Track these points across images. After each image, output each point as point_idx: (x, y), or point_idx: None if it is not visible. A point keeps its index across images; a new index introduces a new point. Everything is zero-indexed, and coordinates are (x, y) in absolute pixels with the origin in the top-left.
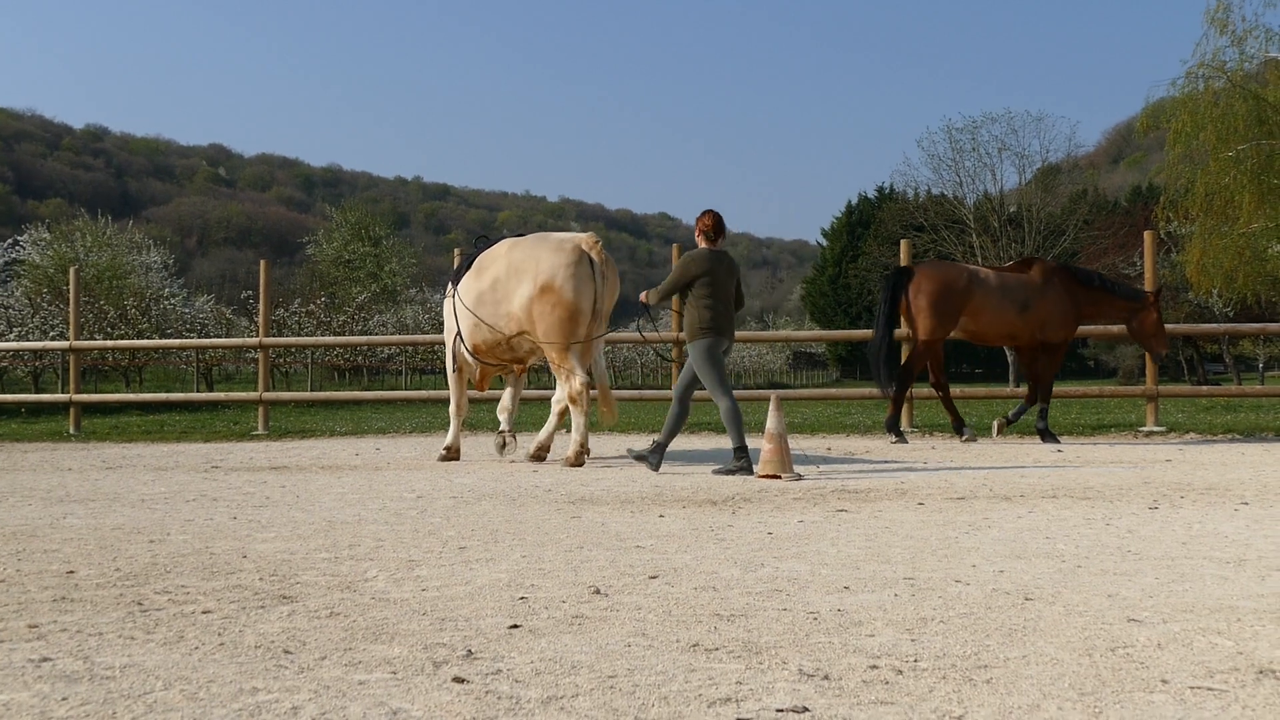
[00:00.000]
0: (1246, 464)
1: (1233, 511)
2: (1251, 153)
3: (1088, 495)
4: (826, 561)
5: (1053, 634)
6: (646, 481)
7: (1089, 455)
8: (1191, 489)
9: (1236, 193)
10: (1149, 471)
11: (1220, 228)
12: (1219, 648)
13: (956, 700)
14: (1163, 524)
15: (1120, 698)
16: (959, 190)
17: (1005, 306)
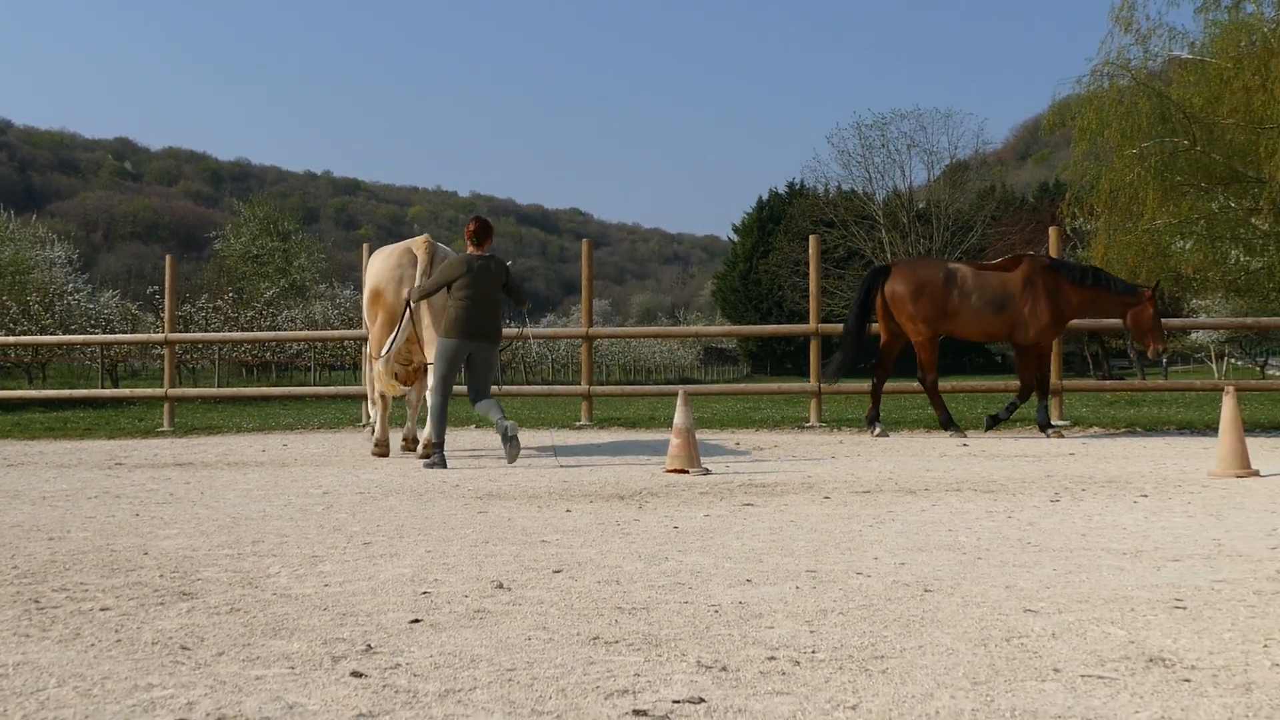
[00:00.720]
0: (1148, 457)
1: (1132, 504)
2: (1155, 150)
3: (991, 488)
4: (730, 555)
5: (950, 625)
6: (555, 477)
7: (994, 449)
8: (1093, 482)
9: (1140, 189)
10: (1052, 465)
11: (1124, 224)
12: (1112, 637)
13: (851, 690)
14: (1063, 516)
15: (1012, 686)
16: (869, 186)
17: (981, 305)
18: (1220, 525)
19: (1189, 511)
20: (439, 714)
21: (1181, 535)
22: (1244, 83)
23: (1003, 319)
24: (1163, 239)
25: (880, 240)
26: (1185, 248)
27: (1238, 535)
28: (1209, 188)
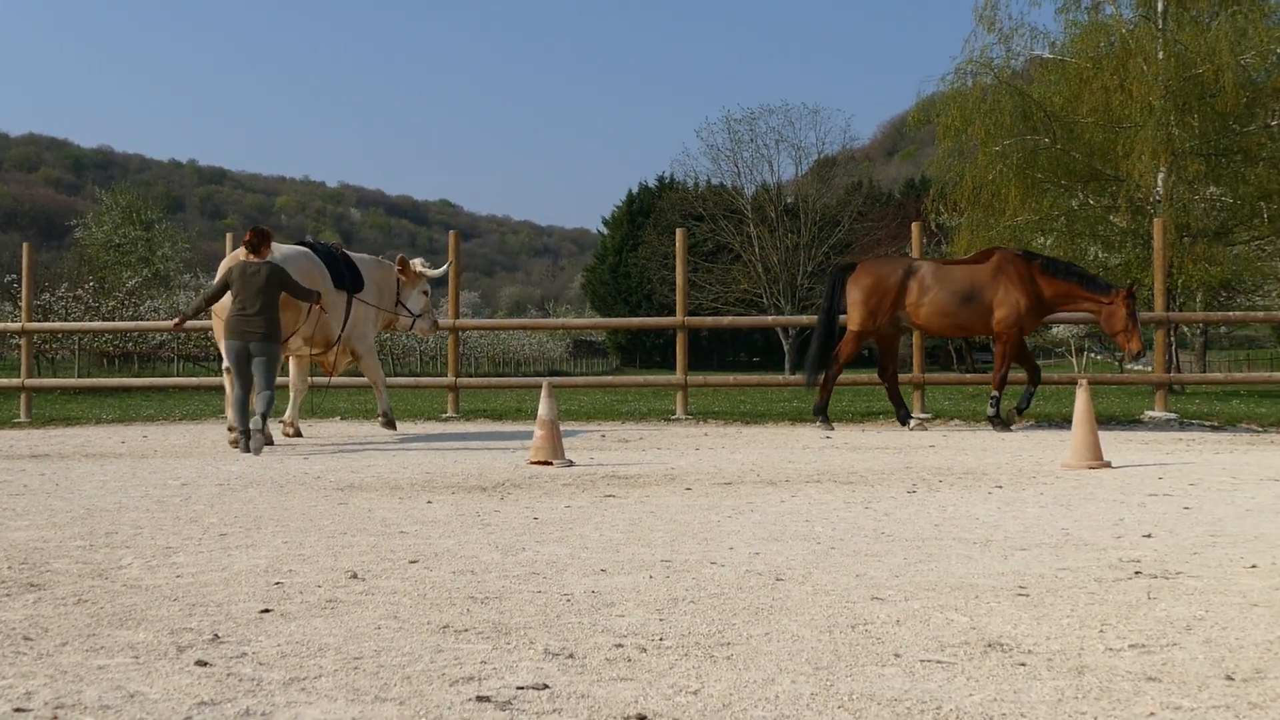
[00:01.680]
0: (1005, 449)
1: (986, 495)
2: (1017, 147)
3: (850, 480)
4: (588, 545)
5: (798, 612)
6: (418, 468)
7: (857, 441)
8: (950, 473)
9: (1003, 186)
10: (912, 457)
11: (987, 220)
12: (954, 623)
13: (695, 676)
14: (919, 507)
15: (853, 671)
16: (738, 181)
17: (945, 299)
18: (1070, 515)
19: (1041, 502)
20: (281, 701)
21: (1032, 525)
22: (1103, 82)
23: (973, 310)
24: (1024, 235)
25: (749, 235)
26: (1046, 244)
27: (1085, 525)
28: (1069, 185)
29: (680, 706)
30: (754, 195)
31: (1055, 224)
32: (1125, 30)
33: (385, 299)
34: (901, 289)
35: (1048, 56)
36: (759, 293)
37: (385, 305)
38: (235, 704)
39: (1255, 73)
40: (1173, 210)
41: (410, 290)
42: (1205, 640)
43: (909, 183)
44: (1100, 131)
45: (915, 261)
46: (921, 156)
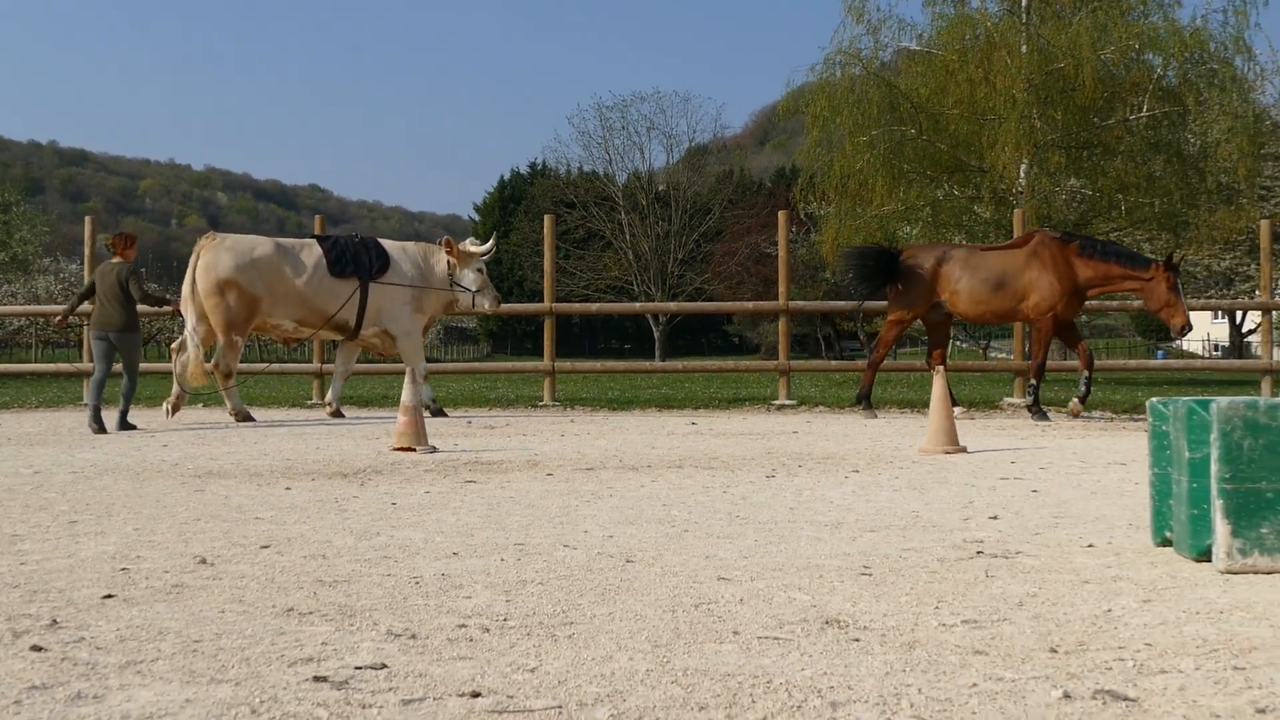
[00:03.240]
0: (867, 435)
1: (843, 479)
2: (884, 138)
3: (711, 465)
4: (443, 530)
5: (645, 593)
6: (279, 455)
7: (722, 427)
8: (810, 458)
9: (870, 176)
10: (773, 442)
11: (855, 209)
12: (796, 602)
13: (534, 654)
14: (776, 491)
15: (691, 648)
16: (609, 168)
17: (977, 286)
18: (922, 498)
19: (895, 486)
20: (115, 684)
21: (884, 508)
22: (968, 75)
23: (1005, 295)
24: (891, 225)
25: (620, 222)
26: (912, 234)
27: (935, 508)
28: (935, 176)
29: (516, 684)
30: (626, 183)
31: (921, 214)
32: (990, 24)
33: (432, 282)
34: (935, 277)
35: (915, 49)
36: (630, 280)
37: (431, 287)
38: (67, 687)
39: (1115, 68)
40: (1034, 201)
41: (464, 270)
42: (1035, 615)
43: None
44: (965, 123)
45: (950, 248)
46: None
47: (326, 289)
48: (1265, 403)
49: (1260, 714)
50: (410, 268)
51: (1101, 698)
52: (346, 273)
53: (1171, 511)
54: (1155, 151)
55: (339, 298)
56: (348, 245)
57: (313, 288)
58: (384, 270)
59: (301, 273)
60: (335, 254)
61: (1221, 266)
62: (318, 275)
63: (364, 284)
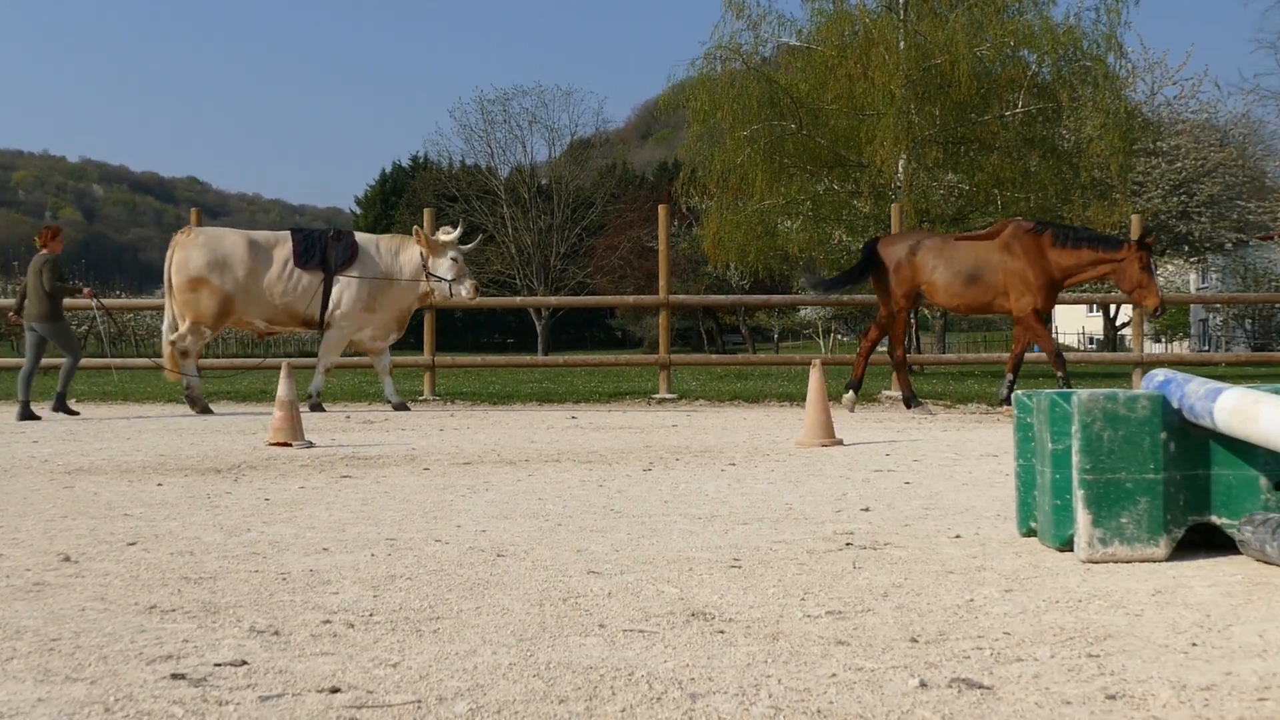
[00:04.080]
0: (745, 428)
1: (720, 472)
2: (765, 133)
3: (589, 459)
4: (315, 525)
5: (513, 587)
6: (152, 450)
7: (602, 421)
8: (688, 451)
9: (750, 170)
10: (653, 436)
11: (736, 204)
12: (664, 595)
13: (398, 649)
14: (652, 484)
15: (556, 641)
16: (491, 161)
17: (950, 278)
18: (796, 491)
19: (770, 479)
20: None
21: (758, 501)
22: (847, 70)
23: (980, 289)
24: (771, 219)
25: (502, 215)
26: (792, 228)
27: (809, 500)
28: (815, 170)
29: (377, 679)
30: (508, 176)
31: (801, 208)
32: (869, 20)
33: (400, 275)
34: (911, 266)
35: (795, 44)
36: (512, 274)
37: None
38: None
39: (991, 64)
40: (913, 196)
41: (438, 259)
42: (898, 606)
43: (662, 165)
44: (844, 118)
45: (924, 237)
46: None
47: (296, 284)
48: (1124, 395)
49: (1110, 700)
50: (378, 262)
51: (957, 686)
52: (311, 265)
53: (1036, 502)
54: (1030, 147)
55: (307, 292)
56: (318, 238)
57: (283, 284)
58: (349, 263)
59: (273, 269)
60: (303, 246)
61: None
62: (288, 270)
63: (328, 277)
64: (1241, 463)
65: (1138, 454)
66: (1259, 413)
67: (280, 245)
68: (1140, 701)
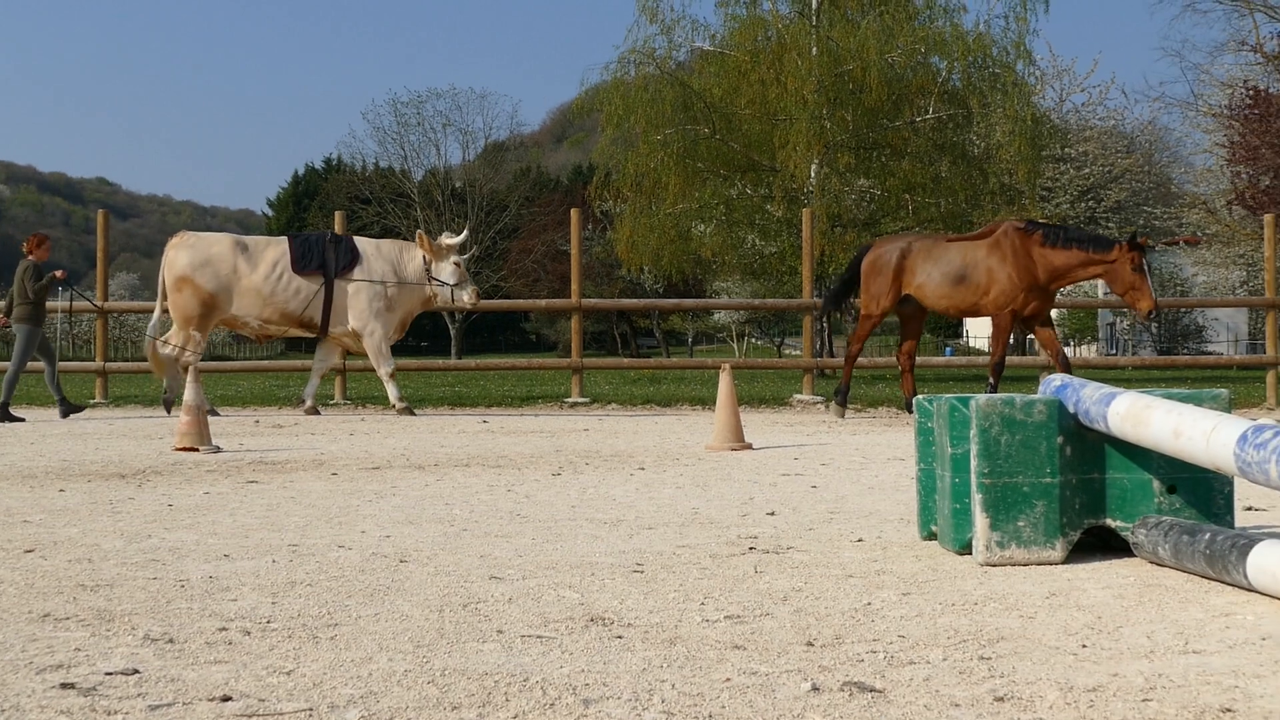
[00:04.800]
0: (656, 432)
1: (629, 476)
2: (678, 137)
3: (499, 463)
4: (218, 531)
5: (414, 593)
6: (56, 456)
7: (513, 425)
8: (598, 456)
9: (664, 175)
10: (564, 440)
11: (649, 208)
12: (565, 600)
13: (293, 656)
14: (560, 489)
15: (453, 648)
16: (405, 164)
17: (939, 280)
18: (703, 495)
19: (678, 483)
20: None
21: (665, 505)
22: (760, 76)
23: (967, 290)
24: (684, 223)
25: (416, 218)
26: (705, 232)
27: (716, 504)
28: (728, 175)
29: (270, 686)
30: (422, 179)
31: (714, 212)
32: (782, 25)
33: (403, 278)
34: (900, 270)
35: (708, 49)
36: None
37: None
38: None
39: (902, 71)
40: (825, 200)
41: (440, 264)
42: (797, 610)
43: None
44: (757, 123)
45: (916, 239)
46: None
47: (287, 286)
48: (1021, 400)
49: (998, 702)
50: (383, 265)
51: (849, 689)
52: (310, 269)
53: (937, 506)
54: (941, 153)
55: (302, 295)
56: (316, 242)
57: (271, 285)
58: (351, 267)
59: (260, 270)
60: (300, 251)
61: None
62: (278, 272)
63: (329, 281)
64: (1136, 466)
65: (1034, 458)
66: (1150, 417)
67: (272, 248)
68: (1028, 703)
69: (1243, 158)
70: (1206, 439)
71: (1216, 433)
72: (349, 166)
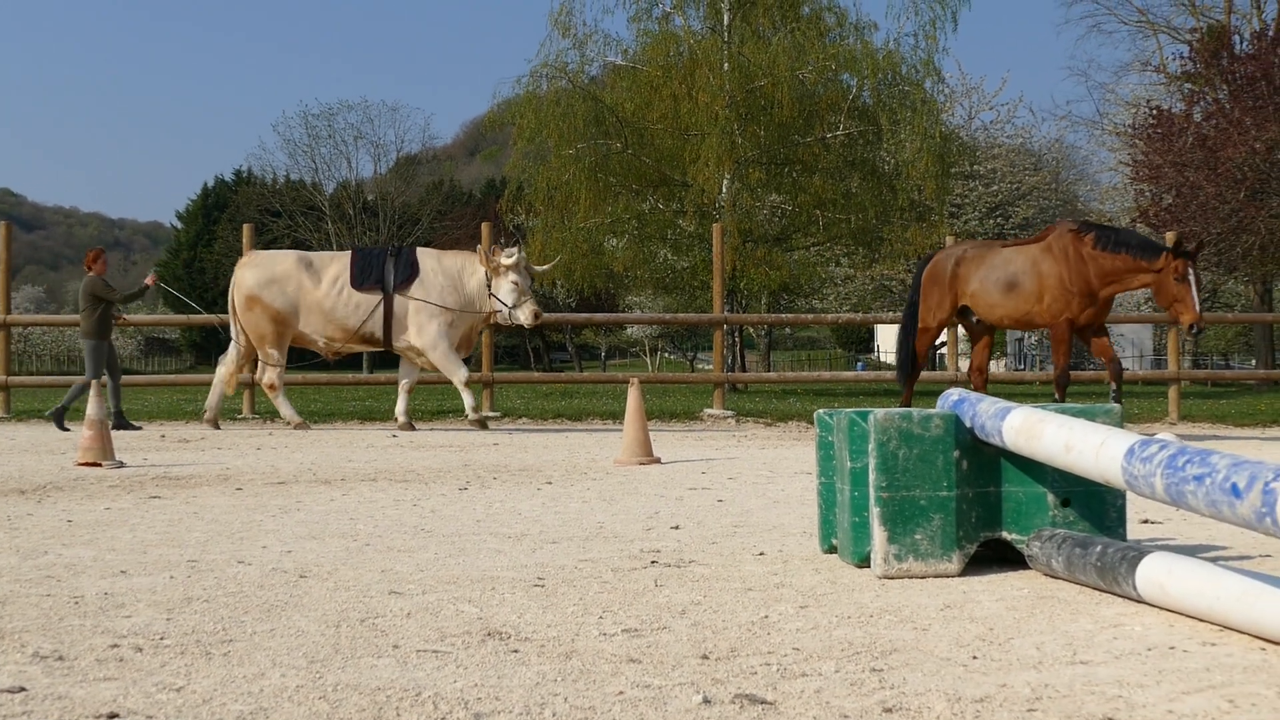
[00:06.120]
0: (566, 446)
1: (536, 490)
2: (590, 151)
3: (407, 478)
4: (116, 547)
5: (312, 608)
6: None
7: (422, 440)
8: (506, 470)
9: (575, 189)
10: (472, 454)
11: (561, 222)
12: (463, 614)
13: (185, 673)
14: (466, 503)
15: (348, 663)
16: (316, 177)
17: (989, 288)
18: (610, 509)
19: (585, 497)
20: None
21: (570, 520)
22: (672, 91)
23: (1019, 299)
24: (596, 237)
25: (327, 232)
26: (618, 246)
27: (621, 518)
28: (640, 189)
29: (159, 704)
30: (333, 192)
31: (626, 226)
32: (694, 41)
33: (464, 294)
34: (954, 278)
35: (621, 64)
36: None
37: (465, 299)
38: None
39: (813, 87)
40: (736, 216)
41: (499, 281)
42: (694, 623)
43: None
44: (669, 138)
45: (970, 246)
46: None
47: (347, 302)
48: (919, 414)
49: (887, 713)
50: (442, 281)
51: (740, 701)
52: (368, 284)
53: (837, 519)
54: (851, 169)
55: (360, 310)
56: (376, 256)
57: (332, 301)
58: (410, 282)
59: (322, 286)
60: (360, 266)
61: None
62: (338, 288)
63: (387, 296)
64: (1031, 480)
65: (931, 472)
66: (1043, 431)
67: (335, 263)
68: (915, 714)
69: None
70: (1096, 453)
71: (1105, 447)
72: (259, 179)
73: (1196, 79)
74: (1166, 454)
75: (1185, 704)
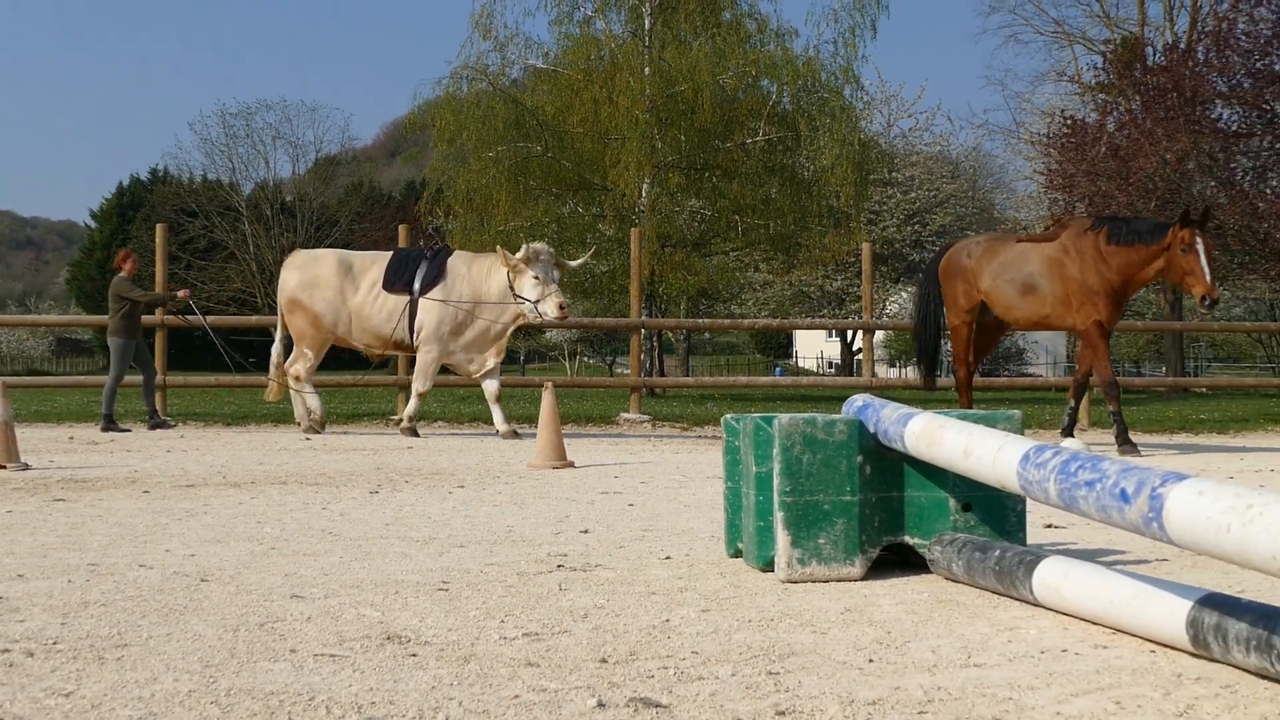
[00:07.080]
0: (481, 451)
1: (447, 494)
2: (510, 154)
3: (318, 481)
4: (15, 551)
5: (211, 612)
6: None
7: (336, 443)
8: (419, 474)
9: (495, 191)
10: (386, 458)
11: (480, 225)
12: (365, 618)
13: (75, 678)
14: (376, 507)
15: (243, 668)
16: (233, 176)
17: (1004, 289)
18: (520, 513)
19: (496, 501)
20: None
21: (480, 524)
22: (593, 94)
23: (1036, 301)
24: (516, 240)
25: (244, 233)
26: None
27: (531, 522)
28: (560, 193)
29: (47, 709)
30: (251, 193)
31: (546, 230)
32: (615, 45)
33: (480, 295)
34: (969, 271)
35: (542, 66)
36: (253, 291)
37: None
38: None
39: (733, 93)
40: (655, 220)
41: (520, 280)
42: (595, 627)
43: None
44: (590, 142)
45: (983, 239)
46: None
47: (381, 308)
48: (823, 419)
49: (780, 715)
50: (465, 283)
51: (634, 705)
52: (398, 287)
53: (742, 524)
54: (771, 175)
55: (386, 314)
56: (410, 259)
57: (367, 306)
58: (435, 283)
59: (360, 290)
60: (393, 268)
61: (834, 287)
62: (374, 293)
63: (413, 299)
64: (933, 485)
65: (835, 476)
66: (942, 436)
67: (375, 266)
68: (809, 716)
69: (1060, 185)
70: (993, 458)
71: (1002, 452)
72: (175, 178)
73: (1110, 89)
74: (1060, 459)
75: (1073, 706)
